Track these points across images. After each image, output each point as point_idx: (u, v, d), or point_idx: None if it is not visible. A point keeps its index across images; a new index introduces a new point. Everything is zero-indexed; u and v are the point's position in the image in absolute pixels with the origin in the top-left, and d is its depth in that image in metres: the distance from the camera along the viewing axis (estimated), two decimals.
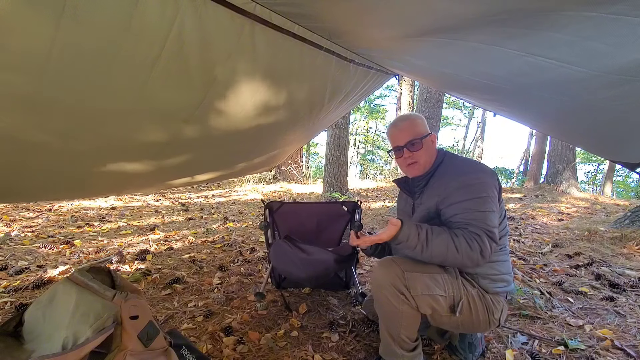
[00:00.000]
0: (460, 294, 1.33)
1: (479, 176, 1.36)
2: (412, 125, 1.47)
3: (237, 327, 1.83)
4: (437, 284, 1.31)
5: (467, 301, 1.33)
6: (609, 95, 1.39)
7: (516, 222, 4.55)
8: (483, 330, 1.45)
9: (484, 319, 1.37)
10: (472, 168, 1.42)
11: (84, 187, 1.94)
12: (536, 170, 10.20)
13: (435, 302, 1.30)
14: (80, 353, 1.01)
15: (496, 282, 1.39)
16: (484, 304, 1.36)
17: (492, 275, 1.39)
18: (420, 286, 1.28)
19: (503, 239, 1.42)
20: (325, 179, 6.23)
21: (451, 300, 1.32)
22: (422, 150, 1.45)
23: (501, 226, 1.40)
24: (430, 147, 1.48)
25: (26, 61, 0.88)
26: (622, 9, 0.86)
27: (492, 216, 1.29)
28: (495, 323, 1.40)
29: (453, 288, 1.33)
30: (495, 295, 1.39)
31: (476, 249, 1.24)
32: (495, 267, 1.40)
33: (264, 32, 1.23)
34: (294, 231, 2.00)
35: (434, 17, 1.15)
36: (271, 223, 1.94)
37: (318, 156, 18.41)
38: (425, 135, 1.47)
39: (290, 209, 2.01)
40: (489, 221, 1.28)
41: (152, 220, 4.37)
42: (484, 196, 1.31)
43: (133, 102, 1.20)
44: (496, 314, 1.39)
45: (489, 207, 1.30)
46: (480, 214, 1.28)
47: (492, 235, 1.26)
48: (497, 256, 1.40)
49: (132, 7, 0.89)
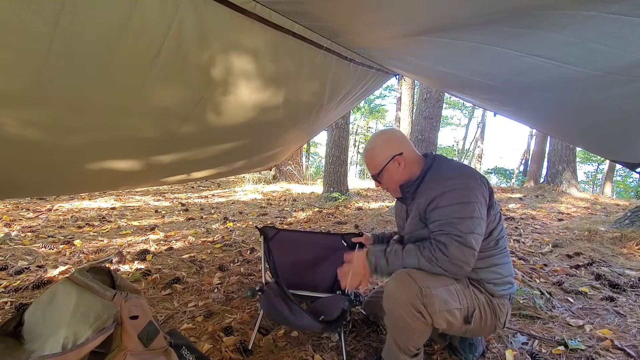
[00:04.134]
0: (474, 304, 1.32)
1: (463, 181, 1.33)
2: (371, 160, 1.50)
3: (237, 327, 1.83)
4: (453, 297, 1.29)
5: (479, 311, 1.33)
6: (609, 95, 1.39)
7: (516, 222, 4.55)
8: (488, 334, 1.46)
9: (491, 324, 1.37)
10: (458, 173, 1.38)
11: (80, 183, 1.93)
12: (536, 170, 10.21)
13: (451, 317, 1.28)
14: (80, 353, 1.01)
15: (500, 285, 1.39)
16: (491, 309, 1.36)
17: (495, 279, 1.38)
18: (438, 303, 1.24)
19: (501, 242, 1.40)
20: (325, 179, 6.23)
21: (466, 311, 1.31)
22: (386, 179, 1.47)
23: (498, 229, 1.39)
24: (396, 170, 1.45)
25: (25, 59, 0.88)
26: (623, 8, 0.86)
27: (471, 222, 1.25)
28: (500, 327, 1.41)
29: (466, 298, 1.32)
30: (500, 298, 1.39)
31: (441, 258, 1.23)
32: (498, 270, 1.39)
33: (263, 31, 1.23)
34: (289, 263, 1.97)
35: (434, 16, 1.15)
36: (266, 252, 1.92)
37: (318, 156, 18.44)
38: (385, 165, 1.45)
39: (286, 238, 1.96)
40: (464, 227, 1.24)
41: (152, 220, 4.37)
42: (465, 202, 1.28)
43: (132, 99, 1.20)
44: (502, 318, 1.39)
45: (469, 213, 1.26)
46: (457, 220, 1.25)
47: (463, 241, 1.22)
48: (498, 259, 1.39)
49: (132, 5, 0.89)
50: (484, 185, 1.35)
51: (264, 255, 1.88)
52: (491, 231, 1.37)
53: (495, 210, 1.39)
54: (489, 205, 1.35)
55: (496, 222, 1.39)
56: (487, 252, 1.37)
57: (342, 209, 5.26)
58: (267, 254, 1.93)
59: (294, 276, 1.98)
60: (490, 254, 1.38)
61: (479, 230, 1.27)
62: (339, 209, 5.25)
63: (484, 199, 1.32)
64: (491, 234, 1.37)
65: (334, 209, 5.24)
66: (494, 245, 1.38)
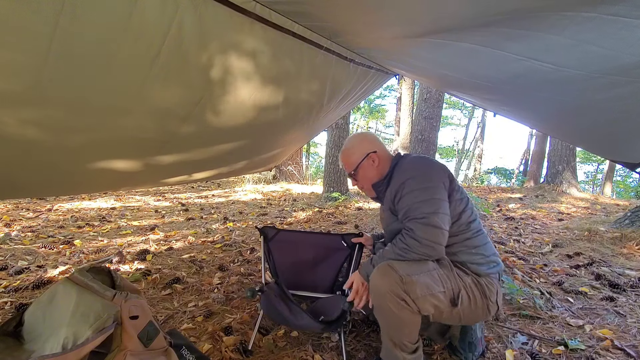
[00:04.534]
0: (459, 286, 1.37)
1: (420, 169, 1.46)
2: (346, 159, 1.62)
3: (237, 327, 1.83)
4: (435, 281, 1.33)
5: (465, 292, 1.37)
6: (609, 96, 1.39)
7: (516, 222, 4.55)
8: (484, 318, 1.47)
9: (482, 306, 1.40)
10: (415, 164, 1.50)
11: (81, 183, 1.93)
12: (536, 170, 10.21)
13: (436, 300, 1.31)
14: (80, 353, 1.01)
15: (484, 264, 1.44)
16: (480, 290, 1.40)
17: (478, 260, 1.43)
18: (419, 288, 1.28)
19: (473, 224, 1.47)
20: (325, 179, 6.23)
21: (451, 293, 1.35)
22: (361, 176, 1.59)
23: (467, 212, 1.46)
24: (371, 167, 1.57)
25: (25, 59, 0.88)
26: (622, 9, 0.86)
27: (433, 203, 1.34)
28: (494, 307, 1.44)
29: (450, 281, 1.36)
30: (487, 277, 1.43)
31: (411, 243, 1.31)
32: (479, 251, 1.45)
33: (263, 31, 1.23)
34: (289, 263, 1.97)
35: (434, 17, 1.15)
36: (266, 252, 1.92)
37: (318, 156, 18.42)
38: (360, 162, 1.57)
39: (286, 238, 1.97)
40: (427, 208, 1.33)
41: (152, 220, 4.37)
42: (424, 187, 1.38)
43: (132, 99, 1.20)
44: (492, 297, 1.42)
45: (429, 195, 1.36)
46: (419, 204, 1.34)
47: (427, 221, 1.30)
48: (476, 241, 1.45)
49: (132, 6, 0.89)
50: (442, 171, 1.47)
51: (263, 256, 1.88)
52: (460, 214, 1.44)
53: (459, 195, 1.47)
54: (451, 189, 1.44)
55: (463, 205, 1.46)
56: (461, 235, 1.44)
57: (342, 209, 5.26)
58: (267, 254, 1.93)
59: (294, 276, 1.98)
60: (465, 236, 1.44)
61: (443, 210, 1.35)
62: (339, 209, 5.25)
63: (442, 183, 1.42)
64: (460, 217, 1.44)
65: (334, 209, 5.24)
66: (465, 227, 1.45)
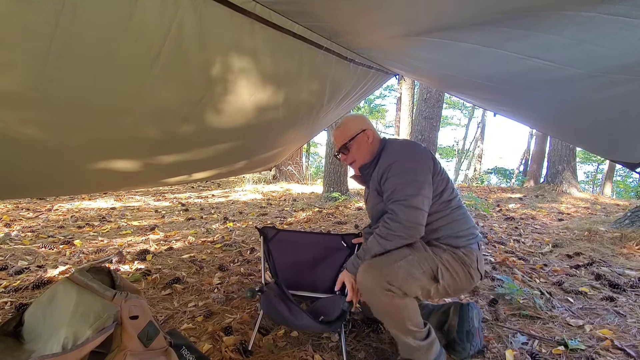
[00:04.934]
0: (435, 263, 1.43)
1: (405, 152, 1.52)
2: (341, 132, 1.67)
3: (237, 327, 1.83)
4: (413, 265, 1.39)
5: (443, 266, 1.43)
6: (609, 95, 1.39)
7: (516, 222, 4.55)
8: (470, 287, 1.54)
9: (464, 275, 1.46)
10: (400, 147, 1.56)
11: (81, 183, 1.93)
12: (536, 170, 10.21)
13: (419, 281, 1.38)
14: (80, 353, 1.01)
15: (463, 237, 1.50)
16: (459, 262, 1.46)
17: (456, 232, 1.50)
18: (401, 275, 1.35)
19: (454, 201, 1.54)
20: (325, 179, 6.23)
21: (430, 272, 1.41)
22: (354, 149, 1.63)
23: (447, 191, 1.53)
24: (365, 142, 1.62)
25: (25, 59, 0.88)
26: (622, 9, 0.86)
27: (415, 185, 1.40)
28: (477, 275, 1.49)
29: (427, 261, 1.42)
30: (465, 248, 1.49)
31: (394, 226, 1.38)
32: (454, 226, 1.50)
33: (263, 31, 1.23)
34: (289, 263, 1.97)
35: (434, 17, 1.15)
36: (266, 252, 1.92)
37: (318, 156, 18.42)
38: (355, 135, 1.62)
39: (286, 238, 1.97)
40: (409, 190, 1.39)
41: (152, 220, 4.36)
42: (408, 169, 1.44)
43: (132, 100, 1.20)
44: (473, 265, 1.48)
45: (412, 177, 1.42)
46: (402, 187, 1.41)
47: (409, 203, 1.37)
48: (455, 215, 1.52)
49: (132, 6, 0.89)
50: (425, 154, 1.53)
51: (263, 256, 1.88)
52: (441, 192, 1.51)
53: (441, 176, 1.53)
54: (434, 170, 1.50)
55: (444, 185, 1.53)
56: (442, 212, 1.50)
57: (342, 209, 5.26)
58: (267, 254, 1.93)
59: (293, 276, 1.98)
60: (445, 213, 1.51)
61: (425, 193, 1.41)
62: (339, 209, 5.25)
63: (427, 165, 1.48)
64: (441, 195, 1.51)
65: (334, 209, 5.24)
66: (446, 205, 1.52)
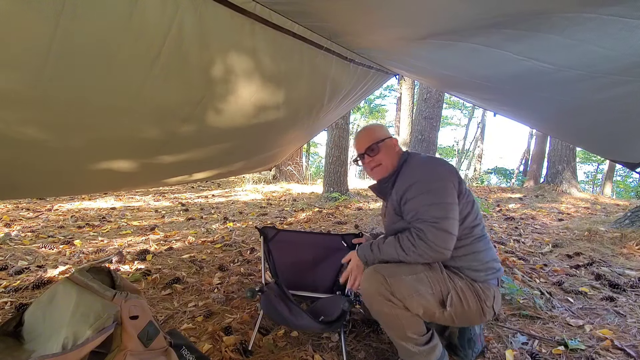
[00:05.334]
0: (448, 288, 1.35)
1: (429, 170, 1.42)
2: (369, 134, 1.58)
3: (237, 327, 1.83)
4: (422, 283, 1.33)
5: (455, 293, 1.35)
6: (609, 96, 1.39)
7: (516, 222, 4.55)
8: (479, 322, 1.46)
9: (476, 309, 1.38)
10: (428, 164, 1.48)
11: (81, 184, 1.93)
12: (536, 170, 10.21)
13: (424, 301, 1.31)
14: (80, 353, 1.01)
15: (482, 271, 1.40)
16: (474, 293, 1.37)
17: (476, 266, 1.40)
18: (405, 289, 1.30)
19: (476, 229, 1.43)
20: (325, 179, 6.23)
21: (439, 295, 1.34)
22: (381, 153, 1.54)
23: (471, 216, 1.42)
24: (391, 149, 1.55)
25: (25, 59, 0.88)
26: (622, 10, 0.86)
27: (444, 207, 1.32)
28: (489, 312, 1.40)
29: (439, 283, 1.35)
30: (484, 283, 1.40)
31: (421, 246, 1.29)
32: (477, 257, 1.41)
33: (263, 31, 1.23)
34: (289, 263, 1.97)
35: (434, 18, 1.15)
36: (266, 252, 1.92)
37: (318, 156, 18.42)
38: (385, 138, 1.55)
39: (286, 238, 1.96)
40: (437, 212, 1.30)
41: (152, 220, 4.36)
42: (434, 188, 1.35)
43: (132, 100, 1.20)
44: (488, 302, 1.39)
45: (439, 199, 1.33)
46: (429, 207, 1.32)
47: (438, 225, 1.29)
48: (475, 247, 1.42)
49: (132, 6, 0.89)
50: (452, 173, 1.42)
51: (263, 256, 1.88)
52: (464, 218, 1.40)
53: (466, 198, 1.43)
54: (459, 191, 1.40)
55: (469, 208, 1.42)
56: (464, 240, 1.39)
57: (342, 209, 5.26)
58: (267, 254, 1.93)
59: (293, 277, 1.98)
60: (467, 242, 1.40)
61: (453, 215, 1.32)
62: (339, 209, 5.25)
63: (452, 184, 1.38)
64: (465, 220, 1.40)
65: (334, 209, 5.24)
66: (468, 232, 1.41)
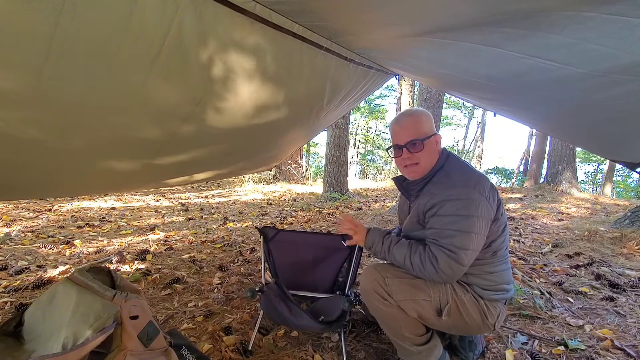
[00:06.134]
0: (447, 298, 1.31)
1: (467, 192, 1.26)
2: (415, 123, 1.37)
3: (237, 327, 1.83)
4: (420, 289, 1.30)
5: (455, 305, 1.31)
6: (609, 95, 1.39)
7: (516, 222, 4.55)
8: (475, 333, 1.45)
9: (476, 323, 1.35)
10: (464, 181, 1.30)
11: (81, 185, 1.93)
12: (536, 170, 10.21)
13: (419, 307, 1.30)
14: (80, 353, 1.01)
15: (490, 290, 1.36)
16: (478, 308, 1.34)
17: (487, 285, 1.36)
18: (401, 292, 1.29)
19: (500, 252, 1.36)
20: (325, 179, 6.24)
21: (437, 303, 1.31)
22: (423, 152, 1.35)
23: (499, 240, 1.34)
24: (433, 149, 1.38)
25: (25, 58, 0.88)
26: (622, 9, 0.86)
27: (467, 237, 1.22)
28: (489, 327, 1.38)
29: (439, 292, 1.31)
30: (491, 301, 1.36)
31: (429, 269, 1.25)
32: (492, 278, 1.36)
33: (263, 31, 1.23)
34: (289, 263, 1.97)
35: (434, 17, 1.15)
36: (266, 252, 1.93)
37: (318, 156, 18.42)
38: (429, 135, 1.36)
39: (286, 238, 1.97)
40: (458, 241, 1.21)
41: (152, 220, 4.36)
42: (465, 215, 1.23)
43: (132, 100, 1.20)
44: (490, 319, 1.35)
45: (467, 227, 1.22)
46: (453, 233, 1.22)
47: (454, 257, 1.21)
48: (494, 267, 1.36)
49: (132, 5, 0.89)
50: (491, 197, 1.28)
51: (263, 256, 1.88)
52: (491, 242, 1.32)
53: (500, 222, 1.33)
54: (495, 218, 1.29)
55: (498, 233, 1.33)
56: (481, 261, 1.33)
57: (342, 209, 5.26)
58: (267, 254, 1.93)
59: (293, 277, 1.98)
60: (484, 262, 1.34)
61: (474, 247, 1.24)
62: (339, 209, 5.25)
63: (487, 212, 1.25)
64: (491, 245, 1.33)
65: (334, 209, 5.24)
66: (491, 255, 1.35)
